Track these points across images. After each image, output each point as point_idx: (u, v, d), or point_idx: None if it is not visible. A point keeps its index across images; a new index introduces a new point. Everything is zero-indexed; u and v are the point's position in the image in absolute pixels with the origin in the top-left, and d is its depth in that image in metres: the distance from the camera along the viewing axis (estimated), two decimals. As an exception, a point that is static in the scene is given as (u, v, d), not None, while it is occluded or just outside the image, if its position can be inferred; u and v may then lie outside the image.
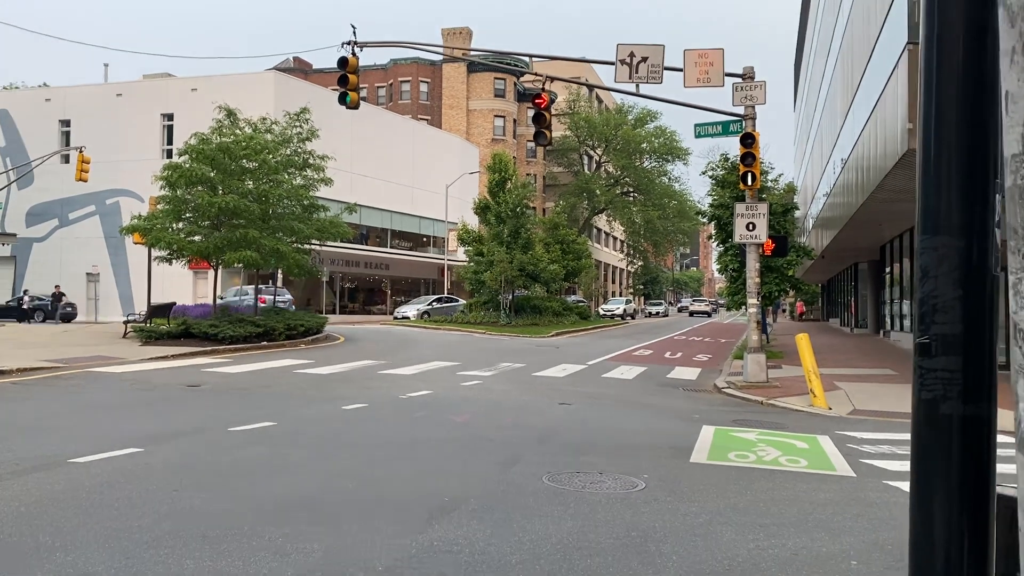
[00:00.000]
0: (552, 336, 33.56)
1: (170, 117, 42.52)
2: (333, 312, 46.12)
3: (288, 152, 25.14)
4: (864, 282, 40.02)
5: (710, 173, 28.72)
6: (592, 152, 70.09)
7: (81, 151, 31.50)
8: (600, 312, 58.93)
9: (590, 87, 64.28)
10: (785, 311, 74.94)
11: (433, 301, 44.94)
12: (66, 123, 44.57)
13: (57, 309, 36.98)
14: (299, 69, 66.88)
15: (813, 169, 41.08)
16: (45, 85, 55.14)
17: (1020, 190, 1.26)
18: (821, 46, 36.96)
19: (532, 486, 6.66)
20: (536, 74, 18.83)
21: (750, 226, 16.58)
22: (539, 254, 39.88)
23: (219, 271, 25.17)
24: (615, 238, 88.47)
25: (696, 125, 17.92)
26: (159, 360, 18.13)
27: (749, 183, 16.41)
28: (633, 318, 60.60)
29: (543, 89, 17.36)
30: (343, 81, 17.17)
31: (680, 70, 16.32)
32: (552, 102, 17.81)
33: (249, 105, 28.15)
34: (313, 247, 27.11)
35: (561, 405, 12.40)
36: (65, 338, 23.55)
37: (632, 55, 16.18)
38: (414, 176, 52.80)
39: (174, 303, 28.05)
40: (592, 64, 41.90)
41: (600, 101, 78.25)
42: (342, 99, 17.26)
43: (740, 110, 16.86)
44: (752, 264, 16.98)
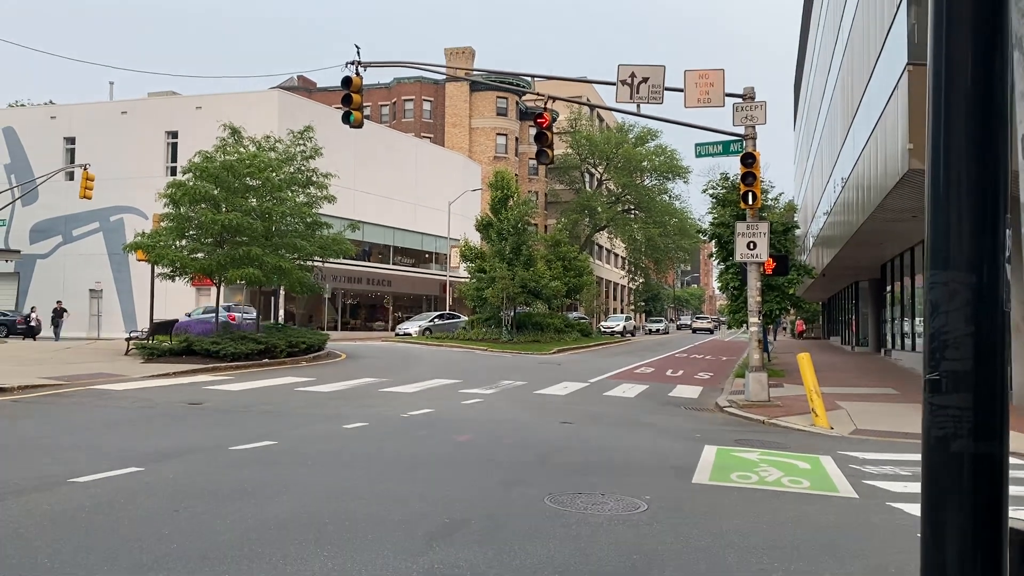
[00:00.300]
0: (554, 353, 33.51)
1: (174, 135, 42.70)
2: (335, 329, 46.10)
3: (291, 170, 25.25)
4: (865, 300, 39.99)
5: (710, 192, 28.81)
6: (593, 170, 70.29)
7: (86, 168, 31.60)
8: (600, 329, 58.87)
9: (591, 106, 64.63)
10: (785, 329, 74.90)
11: (435, 318, 44.93)
12: (71, 140, 44.76)
13: (59, 325, 36.95)
14: (303, 88, 67.22)
15: (813, 188, 41.16)
16: (51, 103, 55.40)
17: None
18: (821, 66, 37.13)
19: (534, 507, 6.62)
20: (538, 93, 18.94)
21: (751, 245, 16.60)
22: (541, 271, 39.89)
23: (221, 288, 25.20)
24: (616, 255, 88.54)
25: (697, 145, 17.99)
26: (161, 377, 18.10)
27: (750, 202, 16.44)
28: (633, 335, 60.49)
29: (545, 108, 17.44)
30: (347, 100, 17.24)
31: (681, 90, 16.39)
32: (554, 121, 17.86)
33: (253, 123, 28.29)
34: (316, 264, 27.15)
35: (563, 424, 12.36)
36: (67, 355, 23.53)
37: (633, 75, 16.26)
38: (417, 193, 52.94)
39: (176, 320, 28.05)
40: (593, 83, 42.06)
41: (601, 120, 78.55)
42: (346, 118, 17.33)
43: (740, 130, 16.92)
44: (753, 283, 16.98)
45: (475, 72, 54.48)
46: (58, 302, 38.44)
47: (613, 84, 16.48)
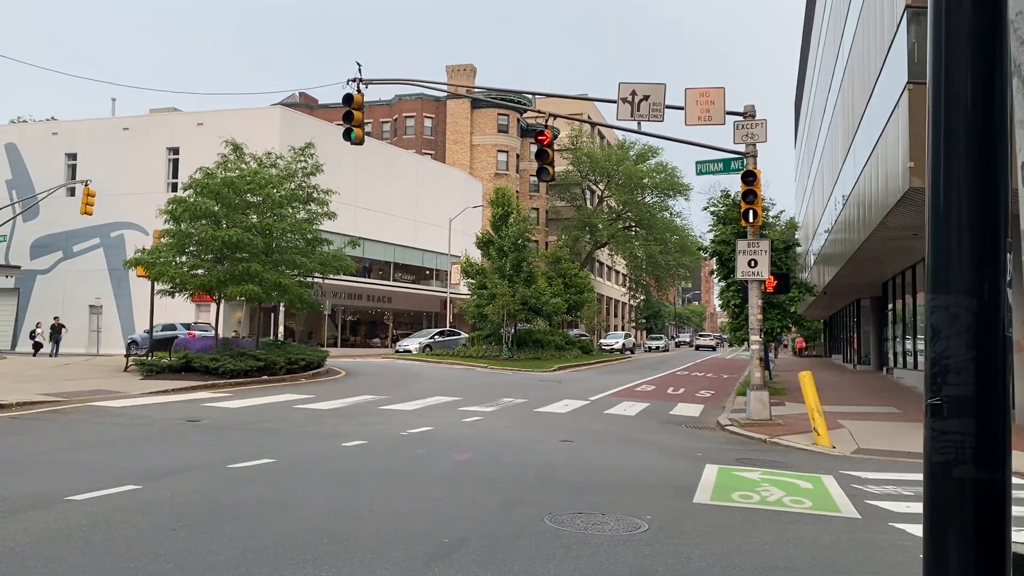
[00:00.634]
0: (554, 371, 33.43)
1: (176, 151, 42.82)
2: (335, 345, 46.02)
3: (292, 186, 25.30)
4: (866, 318, 39.94)
5: (711, 209, 28.84)
6: (594, 187, 70.44)
7: (87, 184, 31.68)
8: (600, 346, 58.75)
9: (592, 124, 64.82)
10: (787, 346, 74.76)
11: (435, 334, 44.86)
12: (72, 156, 44.88)
13: (58, 341, 36.88)
14: (305, 104, 67.51)
15: (814, 205, 41.20)
16: (53, 119, 55.67)
17: None
18: (821, 83, 37.27)
19: (533, 527, 6.58)
20: (539, 111, 18.97)
21: (752, 263, 16.59)
22: (541, 287, 39.87)
23: (221, 304, 25.18)
24: (617, 272, 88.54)
25: (697, 163, 18.02)
26: (159, 394, 18.04)
27: (751, 220, 16.45)
28: (632, 353, 60.34)
29: (546, 126, 17.48)
30: (348, 117, 17.29)
31: (681, 108, 16.45)
32: (555, 138, 17.91)
33: (255, 139, 28.40)
34: (316, 280, 27.13)
35: (563, 442, 12.31)
36: (66, 371, 23.49)
37: (634, 93, 16.32)
38: (417, 210, 53.02)
39: (176, 336, 28.01)
40: (594, 101, 42.26)
41: (602, 137, 78.82)
42: (347, 135, 17.38)
43: (741, 147, 16.95)
44: (754, 300, 16.96)
45: (476, 89, 54.75)
46: (55, 318, 38.39)
47: (614, 102, 16.54)
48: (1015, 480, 3.29)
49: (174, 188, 37.94)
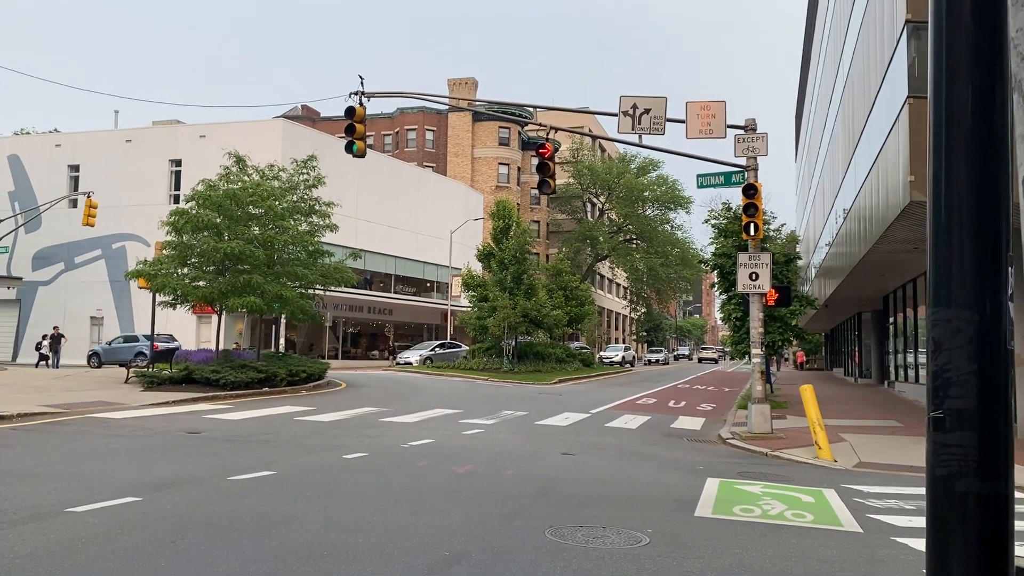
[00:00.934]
0: (555, 383, 33.38)
1: (178, 163, 42.95)
2: (336, 357, 46.00)
3: (294, 199, 25.35)
4: (867, 332, 39.90)
5: (712, 222, 28.84)
6: (595, 199, 70.56)
7: (89, 196, 31.73)
8: (600, 358, 58.67)
9: (593, 137, 64.93)
10: (788, 359, 74.65)
11: (436, 347, 44.84)
12: (75, 168, 45.02)
13: (57, 352, 36.81)
14: (307, 117, 67.77)
15: (815, 219, 41.25)
16: (56, 131, 55.83)
17: None
18: (822, 97, 37.39)
19: (534, 540, 6.55)
20: (540, 124, 19.03)
21: (753, 276, 16.59)
22: (542, 300, 39.87)
23: (223, 316, 25.19)
24: (618, 285, 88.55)
25: (698, 176, 18.05)
26: (160, 406, 18.02)
27: (752, 233, 16.47)
28: (632, 365, 60.26)
29: (547, 139, 17.53)
30: (350, 130, 17.36)
31: (682, 121, 16.49)
32: (556, 151, 17.95)
33: (257, 152, 28.46)
34: (317, 292, 27.15)
35: (564, 455, 12.27)
36: (67, 383, 23.47)
37: (635, 107, 16.37)
38: (419, 222, 53.11)
39: (177, 347, 27.99)
40: (595, 114, 42.33)
41: (603, 150, 79.02)
42: (349, 148, 17.44)
43: (742, 161, 16.99)
44: (755, 314, 16.95)
45: (478, 102, 54.90)
46: (55, 328, 38.36)
47: (615, 115, 16.59)
48: (1018, 494, 3.28)
49: (176, 200, 38.05)
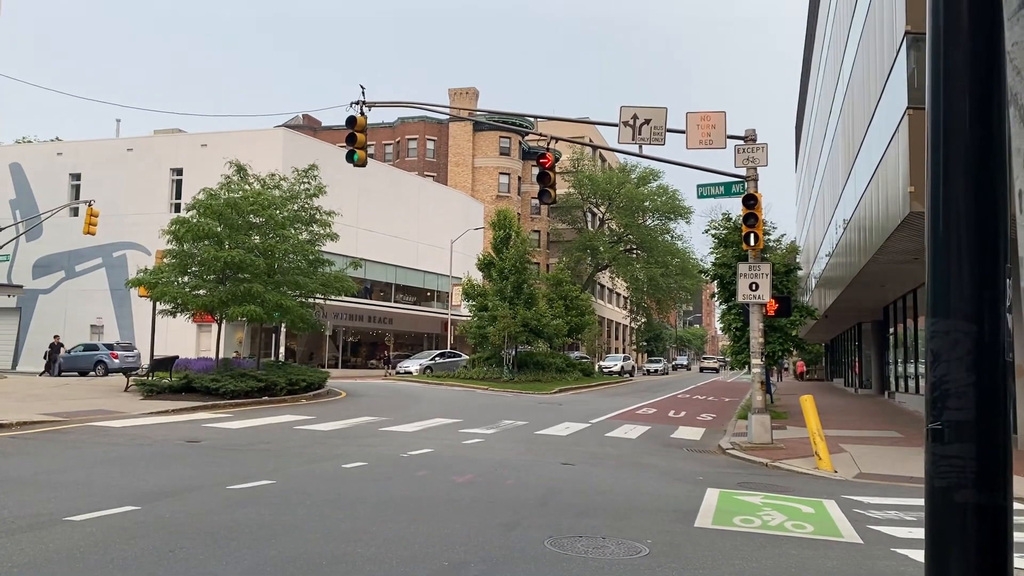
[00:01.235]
0: (555, 393, 33.34)
1: (179, 172, 43.02)
2: (335, 366, 45.94)
3: (295, 208, 25.39)
4: (867, 342, 39.88)
5: (712, 232, 28.89)
6: (595, 209, 70.65)
7: (90, 204, 31.77)
8: (600, 368, 58.60)
9: (593, 147, 65.04)
10: (788, 369, 74.58)
11: (436, 356, 44.80)
12: (76, 177, 45.10)
13: (56, 360, 36.77)
14: (308, 126, 67.92)
15: (815, 229, 41.31)
16: (57, 139, 55.98)
17: None
18: (822, 108, 37.50)
19: (534, 550, 6.54)
20: (540, 134, 19.09)
21: (753, 286, 16.61)
22: (542, 309, 39.87)
23: (223, 325, 25.18)
24: (618, 295, 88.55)
25: (699, 186, 18.09)
26: (160, 415, 18.00)
27: (752, 244, 16.49)
28: (632, 375, 60.20)
29: (548, 148, 17.57)
30: (351, 140, 17.40)
31: (682, 132, 16.53)
32: (556, 161, 17.99)
33: (258, 161, 28.52)
34: (317, 301, 27.16)
35: (564, 465, 12.25)
36: (66, 391, 23.45)
37: (635, 117, 16.42)
38: (419, 231, 53.16)
39: (177, 356, 27.98)
40: (596, 124, 42.44)
41: (603, 160, 79.15)
42: (350, 157, 17.48)
43: (742, 171, 17.02)
44: (755, 324, 16.95)
45: (478, 112, 55.16)
46: (55, 336, 38.34)
47: (615, 125, 16.63)
48: (1017, 505, 3.28)
49: (177, 209, 38.08)
